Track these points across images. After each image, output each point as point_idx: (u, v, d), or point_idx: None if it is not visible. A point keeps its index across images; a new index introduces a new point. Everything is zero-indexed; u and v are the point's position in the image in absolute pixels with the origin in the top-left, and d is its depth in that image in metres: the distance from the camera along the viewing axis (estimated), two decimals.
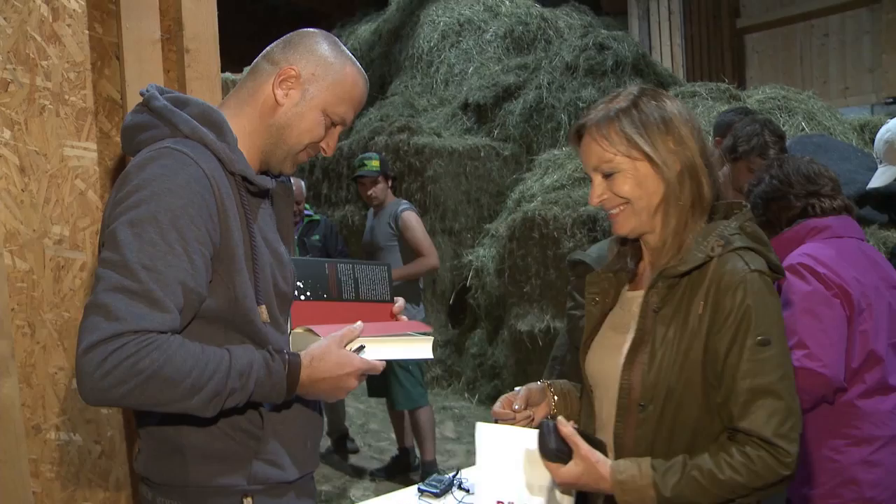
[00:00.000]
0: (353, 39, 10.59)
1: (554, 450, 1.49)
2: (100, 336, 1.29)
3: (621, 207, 1.56)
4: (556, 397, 1.76)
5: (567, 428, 1.50)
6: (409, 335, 1.65)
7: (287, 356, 1.49)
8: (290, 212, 1.73)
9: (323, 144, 1.63)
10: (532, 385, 1.77)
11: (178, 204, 1.39)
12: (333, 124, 1.62)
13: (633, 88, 1.58)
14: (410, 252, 4.69)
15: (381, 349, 1.60)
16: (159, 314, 1.34)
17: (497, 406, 1.72)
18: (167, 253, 1.36)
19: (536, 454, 1.53)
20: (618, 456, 1.55)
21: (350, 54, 1.65)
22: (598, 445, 1.53)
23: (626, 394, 1.56)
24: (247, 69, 1.67)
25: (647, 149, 1.50)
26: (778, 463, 1.41)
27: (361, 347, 1.57)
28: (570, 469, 1.49)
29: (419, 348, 1.64)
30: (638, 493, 1.44)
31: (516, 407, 1.71)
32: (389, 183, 4.84)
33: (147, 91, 1.57)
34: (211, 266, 1.45)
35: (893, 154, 3.25)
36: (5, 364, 1.90)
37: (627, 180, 1.53)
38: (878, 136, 3.37)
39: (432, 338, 1.67)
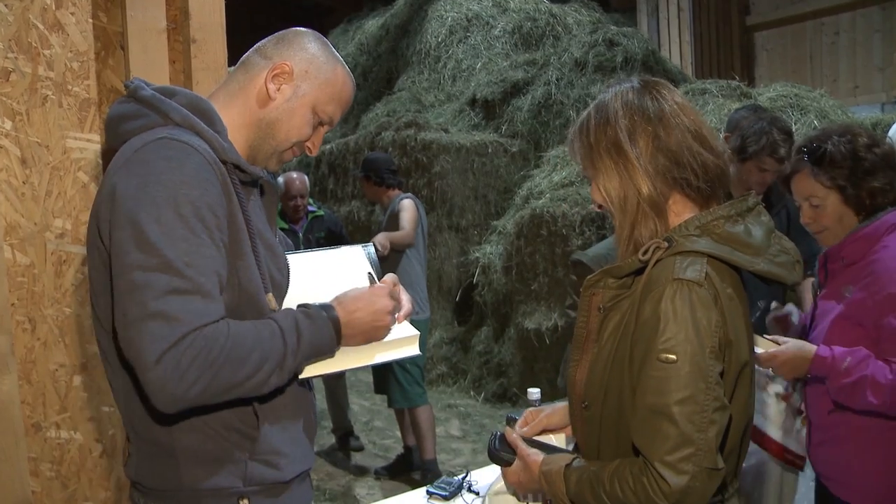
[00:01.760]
0: (361, 34, 10.56)
1: (502, 455, 1.59)
2: (167, 343, 1.26)
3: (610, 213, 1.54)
4: None
5: (512, 435, 1.59)
6: (393, 338, 1.64)
7: (315, 304, 1.50)
8: (275, 209, 1.72)
9: (309, 143, 1.62)
10: (558, 405, 1.76)
11: (195, 195, 1.37)
12: (321, 123, 1.61)
13: (607, 90, 1.53)
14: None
15: (367, 356, 1.60)
16: (214, 306, 1.33)
17: (519, 425, 1.74)
18: (200, 245, 1.34)
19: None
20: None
21: (339, 56, 1.64)
22: (553, 452, 1.57)
23: (572, 391, 1.55)
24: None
25: (586, 163, 1.50)
26: (656, 491, 1.29)
27: (370, 274, 1.63)
28: (513, 468, 1.58)
29: (405, 349, 1.65)
30: (555, 485, 1.46)
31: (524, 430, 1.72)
32: (372, 181, 4.76)
33: (132, 83, 1.55)
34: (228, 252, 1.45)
35: None
36: (4, 361, 1.86)
37: (593, 189, 1.52)
38: (891, 133, 3.32)
39: (418, 334, 1.67)
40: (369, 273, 1.65)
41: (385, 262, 4.53)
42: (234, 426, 1.49)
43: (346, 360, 1.59)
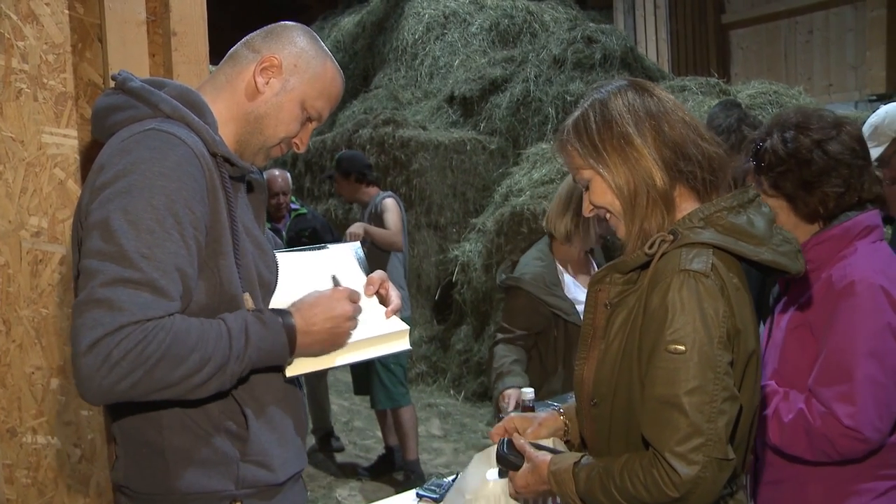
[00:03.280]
0: (337, 31, 10.49)
1: (511, 461, 1.56)
2: (103, 330, 1.23)
3: (608, 215, 1.52)
4: (567, 422, 1.72)
5: (519, 441, 1.57)
6: (384, 333, 1.63)
7: (271, 309, 1.46)
8: (264, 207, 1.69)
9: (296, 140, 1.60)
10: (542, 415, 1.74)
11: (172, 187, 1.33)
12: (309, 119, 1.59)
13: (597, 90, 1.53)
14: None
15: (358, 352, 1.58)
16: (164, 302, 1.29)
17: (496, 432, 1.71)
18: (165, 240, 1.31)
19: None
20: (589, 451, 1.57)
21: (328, 51, 1.63)
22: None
23: (580, 389, 1.56)
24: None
25: (590, 161, 1.48)
26: (666, 482, 1.30)
27: (334, 276, 1.60)
28: (521, 472, 1.54)
29: (396, 343, 1.64)
30: (564, 483, 1.45)
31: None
32: (353, 178, 4.72)
33: (120, 75, 1.52)
34: (203, 250, 1.40)
35: (878, 137, 3.23)
36: None
37: (595, 191, 1.50)
38: (869, 121, 3.36)
39: (408, 328, 1.66)
40: (333, 276, 1.62)
41: (372, 263, 4.49)
42: (223, 426, 1.46)
43: (335, 356, 1.55)
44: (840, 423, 1.67)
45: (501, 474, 1.60)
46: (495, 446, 1.61)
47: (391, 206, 4.62)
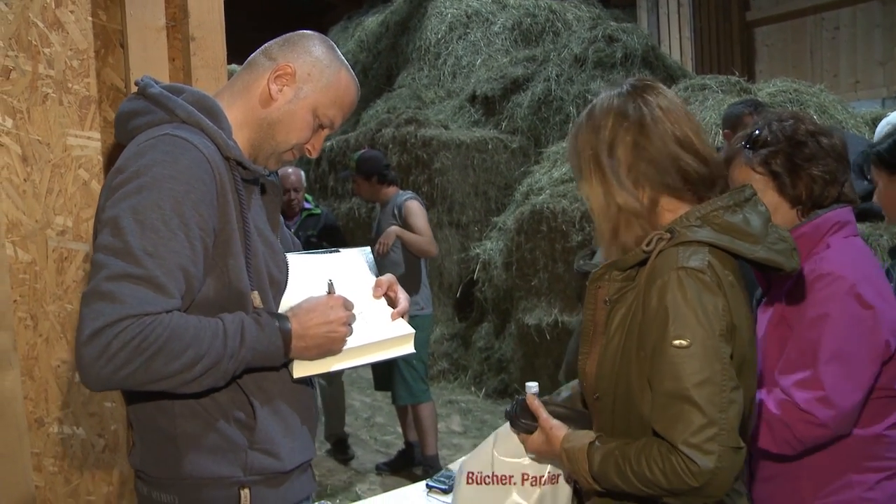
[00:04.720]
0: (361, 31, 10.57)
1: (522, 424, 1.59)
2: (104, 321, 1.29)
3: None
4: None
5: (533, 402, 1.60)
6: (388, 337, 1.66)
7: (270, 312, 1.51)
8: (278, 208, 1.74)
9: (308, 146, 1.65)
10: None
11: (181, 189, 1.39)
12: (321, 127, 1.63)
13: (593, 100, 1.56)
14: None
15: (362, 356, 1.62)
16: (164, 299, 1.35)
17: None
18: (170, 239, 1.37)
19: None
20: None
21: (345, 60, 1.67)
22: (580, 418, 1.60)
23: (583, 383, 1.61)
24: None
25: (572, 165, 1.55)
26: (686, 472, 1.32)
27: (330, 282, 1.62)
28: (534, 438, 1.58)
29: (400, 348, 1.67)
30: (577, 462, 1.47)
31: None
32: (374, 180, 4.73)
33: (142, 80, 1.59)
34: (210, 251, 1.46)
35: None
36: (7, 357, 1.87)
37: (580, 189, 1.59)
38: (879, 128, 3.30)
39: (413, 331, 1.68)
40: (329, 282, 1.64)
41: (403, 267, 4.54)
42: (232, 415, 1.52)
43: (341, 360, 1.60)
44: (797, 407, 1.71)
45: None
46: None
47: (417, 211, 4.62)
